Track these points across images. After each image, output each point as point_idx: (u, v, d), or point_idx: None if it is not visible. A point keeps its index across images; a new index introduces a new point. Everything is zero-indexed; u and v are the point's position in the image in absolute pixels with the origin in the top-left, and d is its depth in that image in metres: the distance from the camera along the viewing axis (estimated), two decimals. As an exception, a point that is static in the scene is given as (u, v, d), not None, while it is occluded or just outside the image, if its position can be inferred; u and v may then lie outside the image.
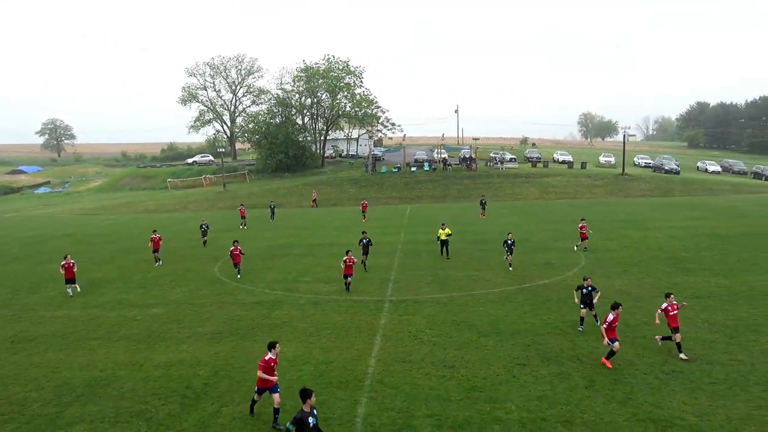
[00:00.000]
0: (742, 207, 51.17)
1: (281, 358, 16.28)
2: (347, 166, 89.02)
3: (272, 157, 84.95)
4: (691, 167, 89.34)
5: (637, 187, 68.86)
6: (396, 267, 28.90)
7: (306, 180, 79.07)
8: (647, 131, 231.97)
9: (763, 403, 12.66)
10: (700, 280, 24.12)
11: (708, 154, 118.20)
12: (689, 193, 65.70)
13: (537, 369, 15.00)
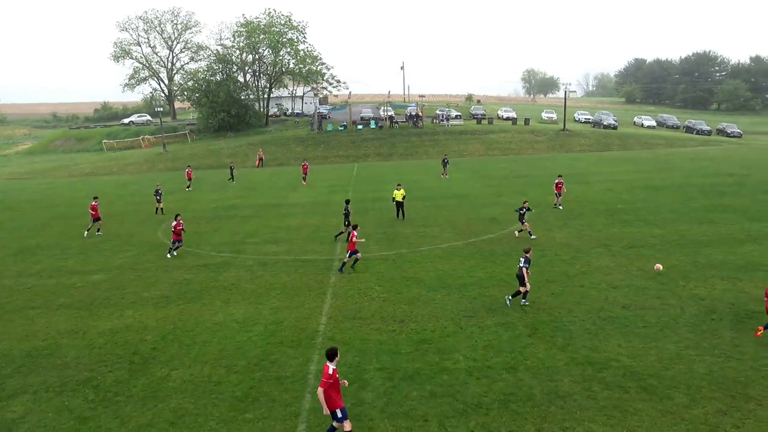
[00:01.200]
0: (675, 160, 53.63)
1: (230, 320, 16.24)
2: (292, 125, 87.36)
3: (214, 116, 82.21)
4: (629, 122, 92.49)
5: (578, 143, 70.84)
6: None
7: (250, 139, 77.21)
8: (587, 87, 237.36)
9: (690, 343, 13.60)
10: (635, 230, 25.32)
11: (644, 109, 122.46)
12: (626, 148, 68.17)
13: (483, 320, 15.52)
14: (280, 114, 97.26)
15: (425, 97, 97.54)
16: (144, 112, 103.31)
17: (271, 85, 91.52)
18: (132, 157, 73.33)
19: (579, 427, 10.32)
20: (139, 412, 11.41)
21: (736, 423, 10.25)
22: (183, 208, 36.57)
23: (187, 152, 72.55)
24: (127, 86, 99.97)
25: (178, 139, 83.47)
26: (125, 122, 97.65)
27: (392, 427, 10.55)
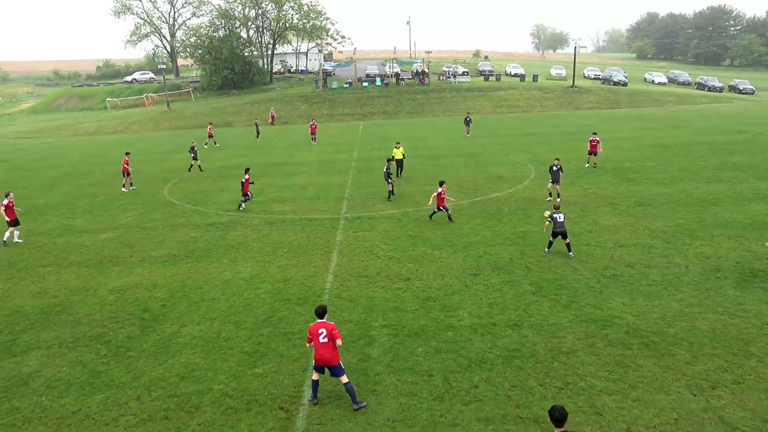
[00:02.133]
0: (684, 117, 52.81)
1: (238, 277, 16.45)
2: (297, 82, 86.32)
3: (217, 73, 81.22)
4: (639, 78, 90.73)
5: (587, 100, 69.75)
6: (350, 185, 28.91)
7: (254, 97, 76.47)
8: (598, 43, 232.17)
9: (694, 302, 13.69)
10: (642, 189, 25.18)
11: (656, 65, 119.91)
12: (636, 105, 67.11)
13: (488, 278, 15.65)
14: (285, 71, 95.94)
15: (431, 54, 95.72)
16: (147, 69, 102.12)
17: (275, 42, 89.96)
18: (136, 115, 72.95)
19: (581, 382, 10.51)
20: (151, 367, 11.70)
21: (736, 379, 10.41)
22: (187, 166, 36.60)
23: (191, 110, 72.07)
24: (129, 43, 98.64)
25: (182, 96, 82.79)
26: (128, 80, 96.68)
27: (398, 381, 10.79)
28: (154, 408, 10.29)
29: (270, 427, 9.60)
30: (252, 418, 9.87)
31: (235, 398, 10.47)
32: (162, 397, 10.60)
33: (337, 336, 9.95)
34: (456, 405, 9.99)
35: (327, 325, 10.01)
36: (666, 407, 9.68)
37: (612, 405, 9.80)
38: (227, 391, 10.69)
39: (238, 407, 10.19)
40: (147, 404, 10.41)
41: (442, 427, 9.40)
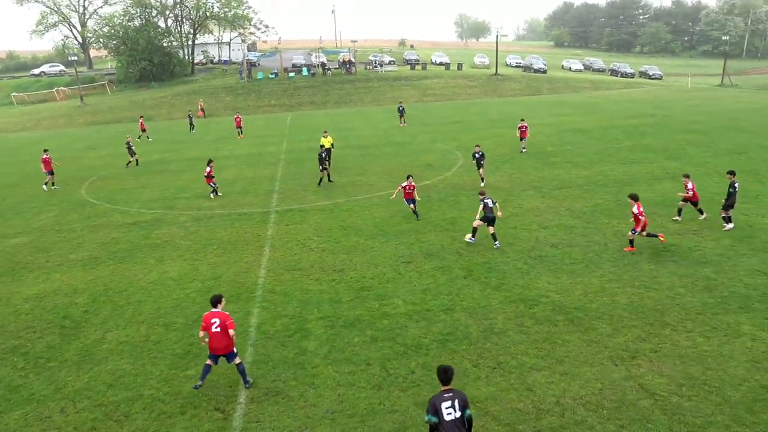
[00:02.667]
0: (600, 103, 55.49)
1: (166, 277, 15.88)
2: (220, 73, 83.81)
3: (134, 65, 77.55)
4: (558, 66, 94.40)
5: (509, 87, 71.87)
6: (280, 177, 28.49)
7: (176, 89, 73.66)
8: (518, 31, 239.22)
9: (613, 277, 14.48)
10: (563, 172, 26.28)
11: (572, 53, 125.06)
12: (555, 91, 69.81)
13: (421, 265, 15.89)
14: (207, 62, 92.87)
15: (357, 43, 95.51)
16: (57, 61, 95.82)
17: (196, 31, 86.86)
18: (46, 110, 68.55)
19: (512, 360, 10.91)
20: (75, 377, 11.12)
21: (654, 348, 11.13)
22: (108, 164, 34.87)
23: (108, 104, 68.56)
24: (35, 33, 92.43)
25: (97, 90, 78.49)
26: (36, 73, 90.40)
27: (336, 372, 10.80)
28: (79, 420, 9.80)
29: (206, 430, 9.37)
30: (187, 421, 9.60)
31: (167, 403, 10.14)
32: (88, 408, 10.11)
33: (230, 326, 10.07)
34: (394, 392, 10.13)
35: (221, 315, 10.12)
36: (591, 379, 10.21)
37: (541, 380, 10.24)
38: (159, 396, 10.34)
39: (172, 412, 9.88)
40: (72, 416, 9.90)
41: (381, 415, 9.51)
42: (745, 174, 24.41)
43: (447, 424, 7.05)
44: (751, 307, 12.58)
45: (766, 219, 18.42)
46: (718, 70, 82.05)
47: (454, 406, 7.11)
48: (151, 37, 77.36)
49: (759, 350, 10.87)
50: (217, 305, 10.29)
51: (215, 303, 10.31)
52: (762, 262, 14.97)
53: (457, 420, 7.08)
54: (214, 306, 10.28)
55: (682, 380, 10.03)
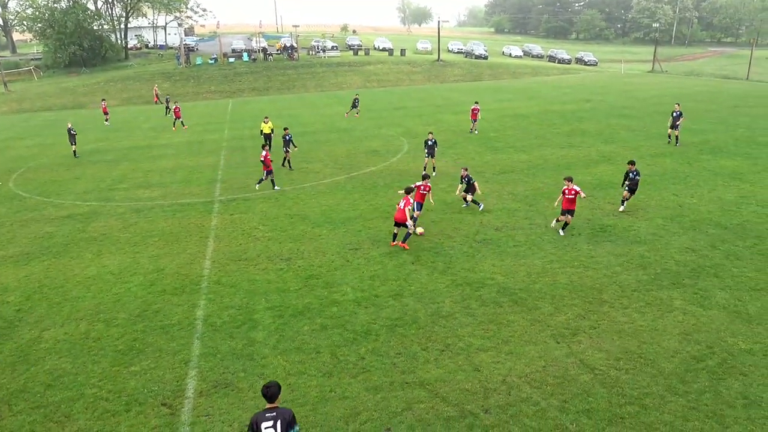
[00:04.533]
0: (539, 88, 56.91)
1: (105, 272, 15.30)
2: (156, 59, 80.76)
3: (63, 49, 73.67)
4: (498, 52, 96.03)
5: (452, 73, 72.61)
6: (222, 166, 27.84)
7: (109, 75, 70.52)
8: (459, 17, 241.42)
9: (554, 258, 14.99)
10: (505, 157, 26.88)
11: (512, 39, 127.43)
12: (496, 77, 71.05)
13: (368, 252, 15.95)
14: (142, 46, 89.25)
15: (299, 28, 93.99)
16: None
17: (128, 14, 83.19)
18: (-34, 98, 64.20)
19: (460, 342, 11.15)
20: (9, 378, 10.59)
21: (593, 324, 11.62)
22: (37, 154, 33.14)
23: (35, 91, 64.93)
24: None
25: (22, 76, 74.16)
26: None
27: (285, 362, 10.74)
28: (16, 423, 9.35)
29: (153, 426, 9.15)
30: (132, 419, 9.34)
31: (111, 401, 9.82)
32: (25, 410, 9.66)
33: None
34: (345, 378, 10.17)
35: None
36: (535, 357, 10.58)
37: (488, 360, 10.52)
38: (102, 395, 9.99)
39: (116, 409, 9.58)
40: (8, 420, 9.44)
41: (332, 402, 9.54)
42: (674, 156, 25.71)
43: None
44: (682, 282, 13.32)
45: (694, 199, 19.48)
46: (650, 57, 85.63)
47: (275, 426, 6.67)
48: (80, 20, 73.55)
49: (689, 323, 11.54)
50: None
51: None
52: (691, 239, 15.86)
53: None
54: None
55: (619, 354, 10.54)
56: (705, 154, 26.05)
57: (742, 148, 27.03)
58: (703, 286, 13.08)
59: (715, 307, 12.15)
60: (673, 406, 9.09)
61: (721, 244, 15.46)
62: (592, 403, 9.21)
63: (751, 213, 17.90)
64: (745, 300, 12.39)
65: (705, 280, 13.38)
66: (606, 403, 9.22)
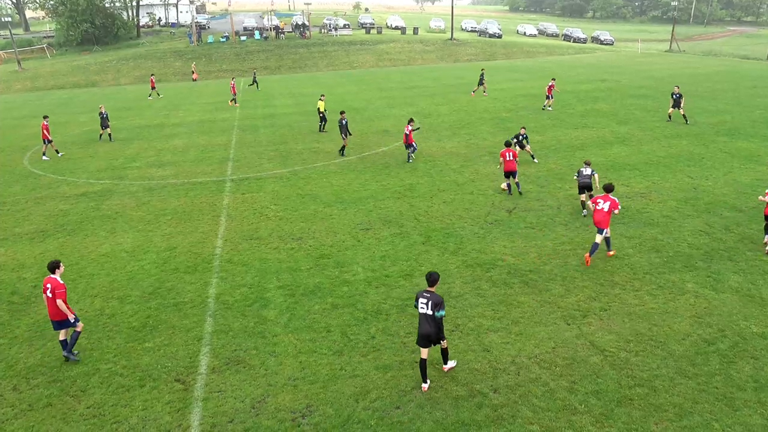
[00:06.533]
0: (554, 68, 56.06)
1: (119, 249, 15.47)
2: (168, 37, 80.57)
3: (75, 27, 73.67)
4: (513, 31, 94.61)
5: (465, 52, 71.74)
6: (234, 144, 27.88)
7: (121, 54, 70.52)
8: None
9: (565, 240, 14.92)
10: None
11: (526, 17, 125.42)
12: (510, 56, 70.09)
13: (379, 231, 15.97)
14: (153, 24, 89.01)
15: (311, 6, 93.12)
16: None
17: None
18: (-19, 76, 64.60)
19: (470, 322, 11.19)
20: (27, 353, 10.81)
21: (603, 306, 11.60)
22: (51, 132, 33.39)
23: (47, 69, 65.16)
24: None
25: (36, 54, 74.40)
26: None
27: (296, 340, 10.85)
28: (34, 396, 9.57)
29: (167, 401, 9.32)
30: (146, 394, 9.51)
31: (125, 376, 10.00)
32: (43, 384, 9.88)
33: (59, 296, 10.08)
34: (355, 357, 10.27)
35: (53, 282, 10.14)
36: (545, 338, 10.60)
37: (498, 341, 10.56)
38: (116, 370, 10.18)
39: (130, 385, 9.76)
40: (26, 393, 9.66)
41: (342, 380, 9.64)
42: (690, 138, 25.33)
43: (420, 315, 9.07)
44: (695, 265, 13.22)
45: (709, 182, 19.24)
46: (667, 36, 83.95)
47: (428, 304, 8.94)
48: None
49: (701, 306, 11.48)
50: (55, 271, 10.30)
51: (52, 269, 10.33)
52: (705, 222, 15.69)
53: (428, 315, 8.93)
54: (52, 272, 10.30)
55: (630, 336, 10.53)
56: (721, 135, 25.64)
57: (759, 129, 26.56)
58: (716, 269, 12.97)
59: (728, 290, 12.07)
60: (682, 388, 9.09)
61: (735, 227, 15.29)
62: (601, 385, 9.23)
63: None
64: (758, 284, 12.28)
65: (718, 264, 13.27)
66: (615, 384, 9.24)
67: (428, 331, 8.92)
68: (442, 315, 8.90)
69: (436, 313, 8.86)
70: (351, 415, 8.78)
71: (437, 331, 8.97)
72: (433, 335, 8.97)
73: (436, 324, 8.92)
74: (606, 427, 8.31)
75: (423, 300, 9.02)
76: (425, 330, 8.95)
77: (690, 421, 8.36)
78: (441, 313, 8.88)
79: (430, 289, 9.10)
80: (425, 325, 8.95)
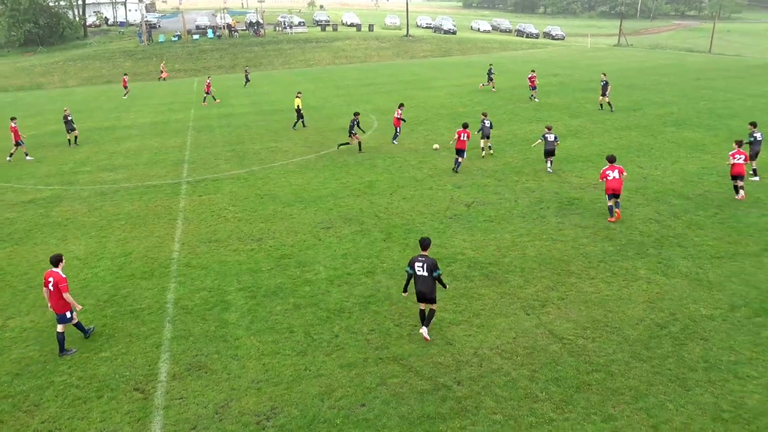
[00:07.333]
0: (508, 63, 56.97)
1: (71, 257, 14.97)
2: (117, 36, 78.27)
3: (17, 27, 70.78)
4: (467, 27, 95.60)
5: (421, 48, 72.15)
6: (189, 146, 27.32)
7: (68, 54, 68.14)
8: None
9: (523, 232, 15.21)
10: (475, 132, 26.89)
11: (480, 13, 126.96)
12: (465, 52, 70.87)
13: (340, 230, 15.94)
14: (101, 24, 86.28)
15: (265, 3, 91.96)
16: None
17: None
18: None
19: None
20: (-26, 369, 10.36)
21: (561, 296, 11.89)
22: (-7, 138, 31.97)
23: (-11, 72, 62.35)
24: None
25: (-25, 56, 71.06)
26: None
27: (259, 342, 10.73)
28: (-16, 413, 9.18)
29: (126, 411, 9.08)
30: (104, 405, 9.25)
31: (81, 388, 9.70)
32: (-7, 400, 9.48)
33: (63, 289, 10.34)
34: (319, 356, 10.23)
35: (56, 275, 10.39)
36: (505, 329, 10.79)
37: (460, 333, 10.70)
38: (72, 382, 9.86)
39: (87, 396, 9.47)
40: (-26, 410, 9.26)
41: (307, 380, 9.60)
42: (639, 129, 26.16)
43: (418, 277, 10.22)
44: (646, 252, 13.68)
45: (658, 171, 19.92)
46: (615, 30, 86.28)
47: (423, 267, 10.13)
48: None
49: (653, 292, 11.89)
50: (58, 265, 10.60)
51: (55, 262, 10.60)
52: (655, 210, 16.25)
53: (425, 276, 10.13)
54: (55, 265, 10.58)
55: (586, 324, 10.83)
56: (669, 126, 26.57)
57: (704, 120, 27.65)
58: (666, 256, 13.46)
59: (678, 275, 12.54)
60: (637, 371, 9.40)
61: (683, 214, 15.90)
62: (560, 372, 9.47)
63: (712, 183, 18.41)
64: (706, 268, 12.80)
65: (668, 250, 13.77)
66: (574, 371, 9.48)
67: (424, 289, 10.19)
68: (439, 273, 10.15)
69: (434, 274, 10.07)
70: (316, 415, 8.75)
71: (432, 289, 10.20)
72: (428, 293, 10.21)
73: (433, 283, 10.14)
74: (566, 412, 8.53)
75: (419, 263, 10.18)
76: (422, 289, 10.21)
77: (646, 403, 8.66)
78: (438, 272, 10.14)
79: (424, 253, 10.32)
80: (422, 285, 10.19)
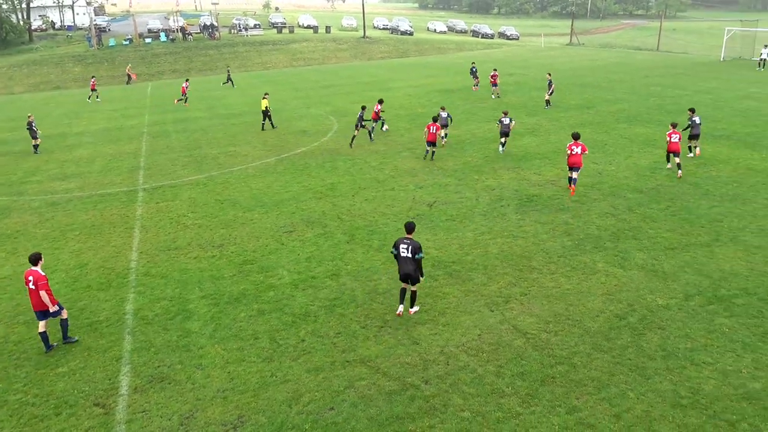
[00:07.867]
0: (464, 63, 57.65)
1: (22, 271, 14.37)
2: (65, 41, 75.73)
3: (-44, 32, 67.69)
4: (423, 28, 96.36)
5: (378, 50, 72.36)
6: (145, 152, 26.66)
7: (13, 60, 65.57)
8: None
9: (485, 230, 15.41)
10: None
11: (435, 14, 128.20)
12: (422, 53, 71.43)
13: (303, 233, 15.82)
14: (48, 28, 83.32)
15: (219, 5, 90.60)
16: None
17: (29, -7, 77.26)
18: None
19: (398, 317, 11.32)
20: None
21: (524, 291, 12.09)
22: None
23: (-73, 79, 59.48)
24: None
25: None
26: None
27: (223, 350, 10.55)
28: (-68, 437, 8.75)
29: (86, 427, 8.79)
30: (63, 422, 8.93)
31: (38, 405, 9.34)
32: (-59, 423, 9.04)
33: (41, 287, 10.38)
34: (285, 362, 10.13)
35: (35, 274, 10.47)
36: (470, 326, 10.91)
37: (426, 333, 10.76)
38: (27, 400, 9.49)
39: (44, 414, 9.12)
40: None
41: (274, 386, 9.49)
42: (593, 126, 26.87)
43: (401, 258, 10.90)
44: (604, 246, 14.06)
45: (612, 166, 20.49)
46: (567, 30, 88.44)
47: (408, 249, 10.81)
48: (-27, 0, 67.77)
49: (611, 284, 12.23)
50: (37, 263, 10.65)
51: (35, 261, 10.66)
52: (610, 205, 16.71)
53: (408, 258, 10.81)
54: (34, 264, 10.61)
55: (549, 318, 11.05)
56: (621, 122, 27.38)
57: (654, 116, 28.60)
58: (622, 248, 13.86)
59: (634, 267, 12.92)
60: (599, 362, 9.65)
61: (638, 208, 16.40)
62: (525, 366, 9.63)
63: (664, 177, 19.05)
64: (660, 259, 13.24)
65: (624, 243, 14.18)
66: (538, 364, 9.66)
67: (408, 270, 10.84)
68: (421, 257, 10.84)
69: (416, 256, 10.74)
70: (284, 422, 8.66)
71: (415, 269, 10.83)
72: (412, 273, 10.85)
73: (415, 264, 10.78)
74: (532, 406, 8.68)
75: (404, 246, 10.85)
76: (405, 270, 10.86)
77: (608, 393, 8.89)
78: (420, 255, 10.81)
79: (409, 236, 11.00)
80: (405, 266, 10.84)
